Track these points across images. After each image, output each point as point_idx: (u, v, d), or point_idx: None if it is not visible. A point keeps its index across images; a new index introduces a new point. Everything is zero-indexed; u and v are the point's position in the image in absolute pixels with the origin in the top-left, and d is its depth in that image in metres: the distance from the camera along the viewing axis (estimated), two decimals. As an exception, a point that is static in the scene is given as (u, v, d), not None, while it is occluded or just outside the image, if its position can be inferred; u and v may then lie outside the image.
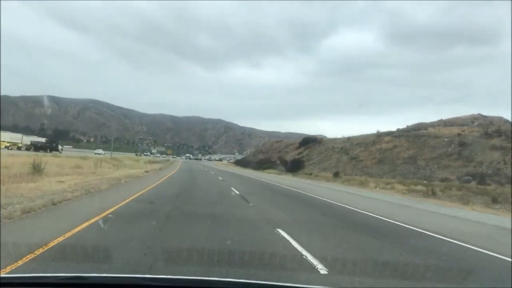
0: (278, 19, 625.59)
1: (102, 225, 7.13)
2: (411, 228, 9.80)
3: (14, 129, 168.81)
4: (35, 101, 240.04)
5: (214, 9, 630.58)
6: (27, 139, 70.26)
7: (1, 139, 62.61)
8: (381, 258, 5.99)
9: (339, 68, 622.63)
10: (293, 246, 6.44)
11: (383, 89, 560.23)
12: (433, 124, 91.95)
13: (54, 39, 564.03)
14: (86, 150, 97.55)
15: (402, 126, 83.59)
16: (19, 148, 60.45)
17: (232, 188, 19.08)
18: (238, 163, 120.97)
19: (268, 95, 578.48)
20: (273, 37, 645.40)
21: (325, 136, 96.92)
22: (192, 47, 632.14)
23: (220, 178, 29.53)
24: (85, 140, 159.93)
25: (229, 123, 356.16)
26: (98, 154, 77.05)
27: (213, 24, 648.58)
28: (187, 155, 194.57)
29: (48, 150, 59.99)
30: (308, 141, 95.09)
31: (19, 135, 72.88)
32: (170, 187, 18.01)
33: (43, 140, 72.58)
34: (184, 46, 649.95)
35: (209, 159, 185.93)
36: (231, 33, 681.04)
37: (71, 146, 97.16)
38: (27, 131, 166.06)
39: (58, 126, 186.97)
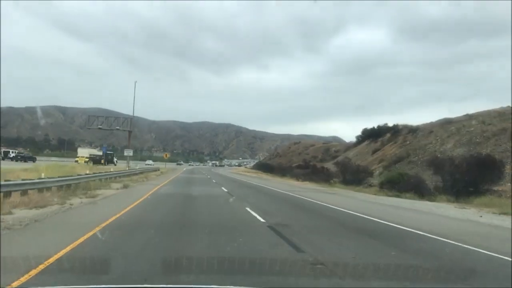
0: (284, 19, 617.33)
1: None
2: None
3: (18, 141, 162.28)
4: (36, 112, 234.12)
5: (219, 12, 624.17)
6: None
7: (81, 155, 69.49)
8: None
9: (349, 67, 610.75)
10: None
11: (395, 87, 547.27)
12: (460, 119, 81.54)
13: (58, 48, 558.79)
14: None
15: (415, 123, 71.50)
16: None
17: None
18: (264, 168, 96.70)
19: (278, 97, 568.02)
20: (280, 38, 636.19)
21: (396, 125, 59.64)
22: (199, 52, 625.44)
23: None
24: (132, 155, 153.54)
25: (239, 127, 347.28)
26: (149, 165, 79.66)
27: (219, 28, 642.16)
28: (214, 162, 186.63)
29: (106, 163, 62.70)
30: (377, 133, 58.78)
31: (94, 150, 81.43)
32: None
33: (100, 153, 76.63)
34: (191, 51, 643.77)
35: (230, 165, 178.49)
36: (237, 36, 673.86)
37: None
38: (30, 142, 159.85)
39: (63, 136, 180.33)
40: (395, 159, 40.16)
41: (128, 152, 52.81)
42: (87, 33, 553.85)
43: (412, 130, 49.19)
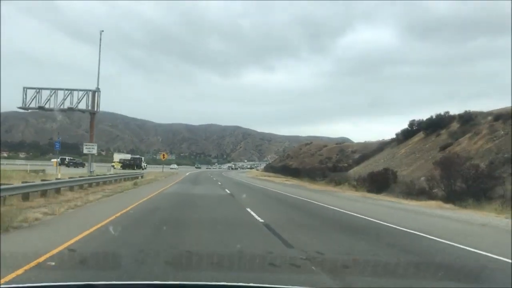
0: (290, 19, 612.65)
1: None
2: None
3: (21, 145, 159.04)
4: (46, 116, 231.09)
5: (224, 13, 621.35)
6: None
7: (116, 160, 70.13)
8: None
9: (356, 67, 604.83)
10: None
11: (403, 87, 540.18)
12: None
13: (63, 51, 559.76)
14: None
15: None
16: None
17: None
18: (284, 171, 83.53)
19: (285, 99, 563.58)
20: (286, 39, 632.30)
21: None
22: (204, 54, 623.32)
23: None
24: (96, 154, 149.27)
25: (247, 129, 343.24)
26: (174, 168, 78.52)
27: (224, 29, 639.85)
28: (229, 165, 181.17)
29: (135, 167, 62.63)
30: (435, 125, 47.53)
31: (128, 155, 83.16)
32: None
33: (129, 158, 77.36)
34: (197, 53, 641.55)
35: (242, 168, 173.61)
36: (243, 37, 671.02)
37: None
38: (34, 147, 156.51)
39: (68, 140, 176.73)
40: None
41: (90, 149, 32.39)
42: (92, 36, 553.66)
43: (500, 117, 36.30)
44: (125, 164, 66.15)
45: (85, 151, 33.47)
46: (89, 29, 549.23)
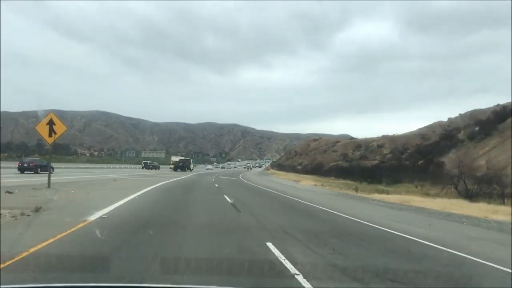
0: (286, 15, 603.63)
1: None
2: None
3: (8, 146, 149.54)
4: (37, 116, 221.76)
5: (220, 10, 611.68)
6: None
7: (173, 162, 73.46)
8: None
9: (355, 63, 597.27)
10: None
11: (403, 83, 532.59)
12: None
13: (56, 51, 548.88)
14: (97, 166, 77.80)
15: (427, 122, 59.24)
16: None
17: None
18: (314, 172, 75.03)
19: (284, 96, 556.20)
20: (282, 34, 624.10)
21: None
22: (201, 52, 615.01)
23: None
24: (88, 154, 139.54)
25: (246, 127, 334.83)
26: (209, 169, 78.76)
27: (220, 26, 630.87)
28: (248, 164, 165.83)
29: (186, 169, 64.27)
30: None
31: (182, 158, 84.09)
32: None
33: (177, 159, 78.18)
34: (193, 51, 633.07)
35: (254, 166, 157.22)
36: (239, 33, 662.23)
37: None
38: (23, 148, 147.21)
39: (58, 141, 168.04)
40: None
41: None
42: (85, 34, 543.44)
43: None
44: (176, 166, 67.26)
45: None
46: (81, 28, 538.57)
